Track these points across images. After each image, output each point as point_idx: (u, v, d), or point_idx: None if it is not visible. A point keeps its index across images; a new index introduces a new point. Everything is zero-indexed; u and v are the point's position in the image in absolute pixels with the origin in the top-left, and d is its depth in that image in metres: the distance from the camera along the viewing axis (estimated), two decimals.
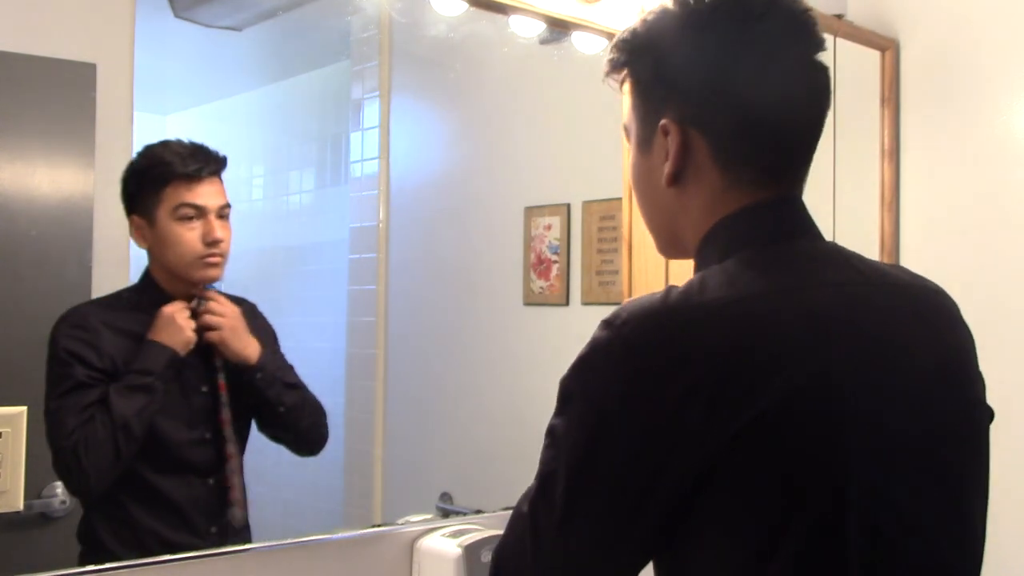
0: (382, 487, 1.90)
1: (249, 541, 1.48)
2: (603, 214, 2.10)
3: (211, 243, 1.44)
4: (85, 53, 1.32)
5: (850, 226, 2.30)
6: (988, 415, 0.95)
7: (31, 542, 1.33)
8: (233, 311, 1.49)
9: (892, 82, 2.38)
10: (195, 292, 1.47)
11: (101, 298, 1.38)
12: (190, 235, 1.44)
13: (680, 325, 0.78)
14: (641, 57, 0.91)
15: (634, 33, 0.92)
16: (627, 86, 0.95)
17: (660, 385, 0.76)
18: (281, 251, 1.82)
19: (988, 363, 2.38)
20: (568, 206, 2.11)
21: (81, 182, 1.34)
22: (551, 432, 0.83)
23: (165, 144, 1.44)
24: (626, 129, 0.96)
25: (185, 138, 1.47)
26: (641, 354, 0.78)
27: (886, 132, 2.38)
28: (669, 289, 0.82)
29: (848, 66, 2.29)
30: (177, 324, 1.42)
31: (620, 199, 2.02)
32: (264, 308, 1.59)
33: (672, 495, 0.77)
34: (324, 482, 1.67)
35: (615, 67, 0.95)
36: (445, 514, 1.73)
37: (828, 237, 0.90)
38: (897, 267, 0.95)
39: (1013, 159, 2.21)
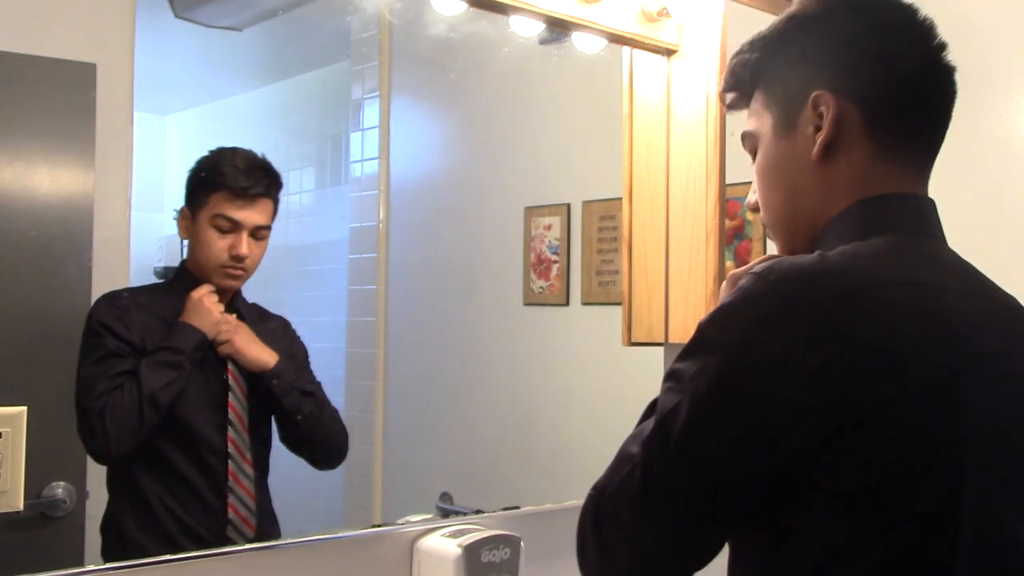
0: (382, 487, 1.90)
1: (275, 536, 1.53)
2: (603, 214, 2.10)
3: (235, 257, 1.51)
4: (85, 53, 1.32)
5: None
6: None
7: (31, 542, 1.33)
8: (245, 326, 1.53)
9: None
10: (226, 307, 1.52)
11: (140, 285, 1.48)
12: (219, 244, 1.50)
13: (835, 295, 0.79)
14: (779, 47, 0.96)
15: (760, 37, 0.99)
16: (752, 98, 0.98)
17: (802, 349, 0.77)
18: (281, 251, 1.82)
19: None
20: (568, 206, 2.12)
21: (81, 182, 1.34)
22: (676, 375, 0.83)
23: (233, 153, 1.55)
24: (748, 136, 0.98)
25: (256, 153, 1.56)
26: (792, 314, 0.78)
27: None
28: (821, 254, 0.83)
29: None
30: (205, 307, 1.48)
31: (620, 199, 2.02)
32: (264, 308, 1.59)
33: (786, 460, 0.77)
34: (324, 482, 1.67)
35: (750, 65, 0.98)
36: (445, 514, 1.73)
37: None
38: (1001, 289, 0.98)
39: (1013, 159, 2.22)
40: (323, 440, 1.62)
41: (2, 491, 1.21)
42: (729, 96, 1.02)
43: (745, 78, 0.99)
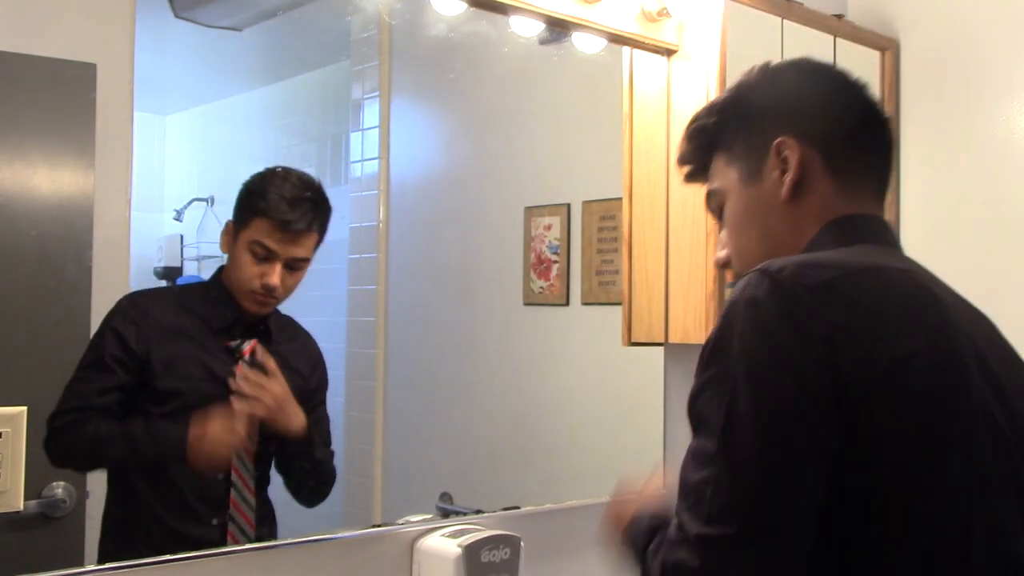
0: (382, 487, 1.90)
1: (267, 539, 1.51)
2: (603, 214, 2.10)
3: (265, 286, 1.50)
4: (85, 53, 1.32)
5: None
6: None
7: (31, 542, 1.33)
8: (277, 390, 1.50)
9: (892, 82, 2.38)
10: (257, 322, 1.52)
11: (172, 288, 1.53)
12: (252, 269, 1.49)
13: (827, 277, 0.86)
14: (735, 108, 1.05)
15: (713, 104, 1.07)
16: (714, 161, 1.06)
17: (808, 327, 0.83)
18: None
19: None
20: (568, 206, 2.11)
21: (81, 182, 1.34)
22: (702, 414, 0.87)
23: (283, 179, 1.54)
24: (713, 195, 1.07)
25: (311, 179, 1.56)
26: (790, 303, 0.85)
27: None
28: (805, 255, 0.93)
29: (848, 66, 2.28)
30: (216, 450, 1.44)
31: (620, 199, 2.02)
32: (298, 323, 1.60)
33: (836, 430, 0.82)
34: None
35: (709, 129, 1.06)
36: (445, 514, 1.73)
37: None
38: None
39: (1013, 158, 2.21)
40: (312, 488, 1.63)
41: (2, 491, 1.21)
42: (687, 168, 1.09)
43: (704, 143, 1.07)
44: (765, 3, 2.08)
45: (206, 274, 1.58)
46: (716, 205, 1.06)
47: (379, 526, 1.61)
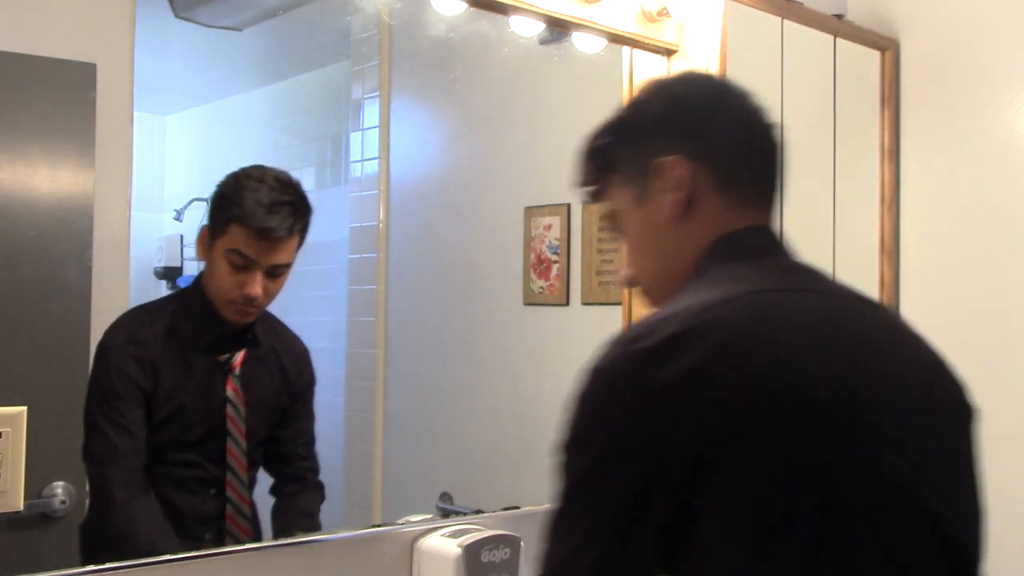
0: (382, 487, 1.90)
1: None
2: (603, 214, 2.10)
3: (245, 297, 1.44)
4: (85, 53, 1.32)
5: (850, 226, 2.30)
6: (974, 411, 0.99)
7: (31, 542, 1.33)
8: None
9: (892, 82, 2.38)
10: (243, 330, 1.49)
11: (153, 305, 1.45)
12: (231, 279, 1.43)
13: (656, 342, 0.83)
14: (626, 127, 1.04)
15: (606, 124, 1.05)
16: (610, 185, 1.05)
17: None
18: None
19: (988, 362, 2.39)
20: (568, 206, 2.11)
21: (81, 182, 1.34)
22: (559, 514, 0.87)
23: (259, 181, 1.45)
24: (608, 217, 1.06)
25: (287, 179, 1.48)
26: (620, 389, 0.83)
27: (886, 132, 2.38)
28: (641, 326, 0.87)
29: (848, 66, 2.29)
30: None
31: None
32: (286, 326, 1.60)
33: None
34: (324, 482, 1.67)
35: (601, 150, 1.05)
36: (445, 514, 1.73)
37: (828, 237, 0.93)
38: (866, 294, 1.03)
39: (1013, 158, 2.21)
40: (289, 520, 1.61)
41: (2, 491, 1.21)
42: (587, 190, 1.08)
43: (599, 164, 1.06)
44: (765, 3, 2.08)
45: None
46: (615, 225, 1.05)
47: (379, 526, 1.61)
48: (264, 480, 1.57)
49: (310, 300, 1.86)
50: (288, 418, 1.59)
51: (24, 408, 1.24)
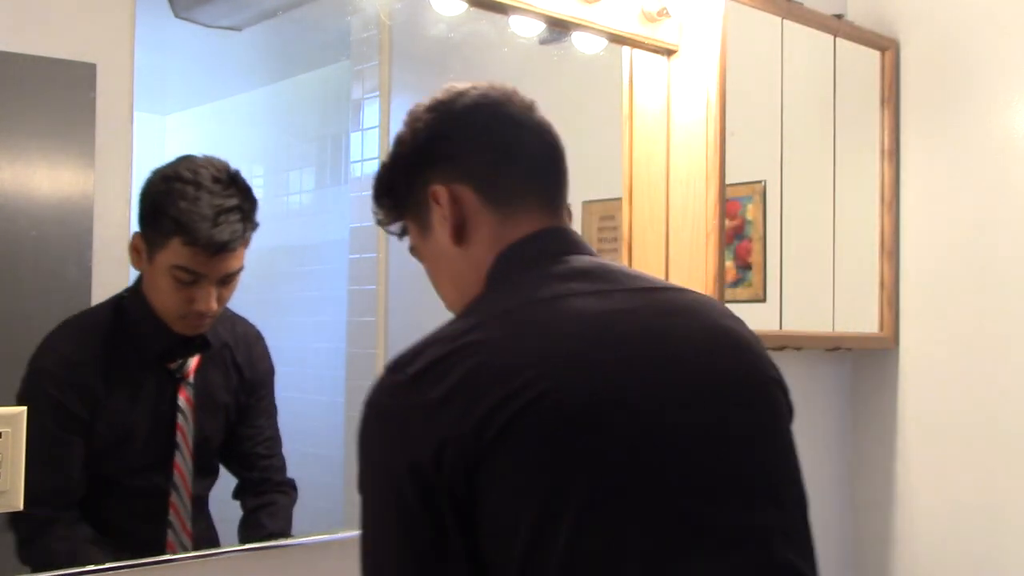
0: None
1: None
2: (603, 214, 2.10)
3: (198, 312, 1.33)
4: (85, 53, 1.32)
5: (850, 226, 2.30)
6: (787, 398, 1.00)
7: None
8: None
9: (892, 82, 2.38)
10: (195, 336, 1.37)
11: (87, 321, 1.29)
12: (179, 295, 1.31)
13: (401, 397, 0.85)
14: (395, 167, 1.04)
15: (383, 165, 1.07)
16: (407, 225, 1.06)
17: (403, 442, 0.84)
18: (281, 251, 1.82)
19: (987, 362, 2.39)
20: (568, 206, 2.11)
21: (81, 182, 1.34)
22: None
23: (195, 185, 1.29)
24: (413, 249, 1.07)
25: (221, 184, 1.32)
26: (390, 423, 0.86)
27: (886, 132, 2.38)
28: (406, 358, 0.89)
29: (848, 66, 2.29)
30: None
31: (620, 199, 2.02)
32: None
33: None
34: (324, 482, 1.66)
35: (385, 191, 1.07)
36: None
37: (828, 237, 0.90)
38: (657, 278, 1.03)
39: (1013, 159, 2.21)
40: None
41: (2, 491, 1.21)
42: (393, 228, 1.09)
43: (389, 204, 1.07)
44: (765, 3, 2.08)
45: None
46: (419, 259, 1.07)
47: None
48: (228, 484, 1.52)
49: (310, 300, 1.85)
50: (245, 415, 1.49)
51: (24, 408, 1.24)
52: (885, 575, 2.40)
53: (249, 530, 1.49)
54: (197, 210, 1.29)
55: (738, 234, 2.15)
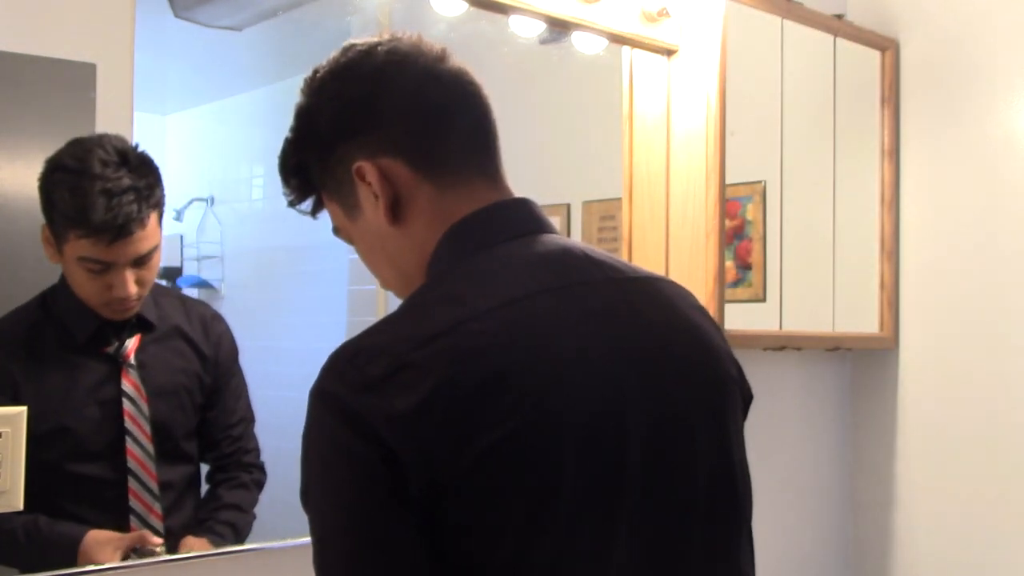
0: None
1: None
2: (603, 214, 2.10)
3: (118, 299, 1.28)
4: (85, 53, 1.32)
5: (850, 226, 2.30)
6: (744, 394, 0.94)
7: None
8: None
9: (892, 82, 2.38)
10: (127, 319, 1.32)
11: (13, 318, 1.26)
12: (95, 284, 1.27)
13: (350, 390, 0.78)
14: (304, 143, 0.93)
15: (287, 141, 0.95)
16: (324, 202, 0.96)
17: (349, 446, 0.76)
18: (281, 251, 1.82)
19: (987, 362, 2.38)
20: (568, 206, 2.11)
21: None
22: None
23: (80, 175, 1.23)
24: (337, 232, 0.97)
25: (111, 167, 1.24)
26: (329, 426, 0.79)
27: (886, 132, 2.38)
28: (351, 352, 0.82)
29: (848, 66, 2.29)
30: (101, 556, 1.27)
31: (620, 199, 2.02)
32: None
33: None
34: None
35: (294, 171, 0.95)
36: None
37: (828, 237, 0.86)
38: (627, 262, 0.95)
39: (1013, 159, 2.21)
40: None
41: (2, 491, 1.21)
42: (304, 206, 0.98)
43: (300, 185, 0.96)
44: (765, 3, 2.08)
45: (206, 274, 1.58)
46: (347, 239, 0.97)
47: None
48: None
49: (310, 300, 1.85)
50: (213, 398, 1.45)
51: (24, 408, 1.24)
52: (885, 575, 2.40)
53: (204, 504, 1.44)
54: (85, 199, 1.23)
55: (738, 234, 2.15)
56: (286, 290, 1.79)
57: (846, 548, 2.46)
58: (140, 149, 1.31)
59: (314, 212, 0.97)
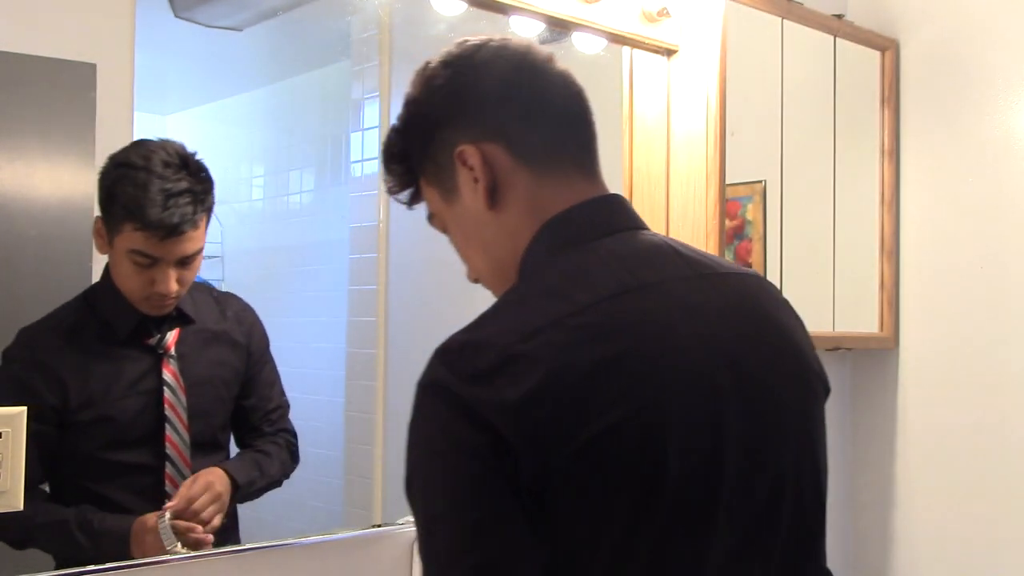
0: (382, 487, 1.90)
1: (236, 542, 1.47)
2: (427, 217, 2.10)
3: (159, 294, 1.34)
4: (85, 53, 1.32)
5: (850, 226, 2.30)
6: (824, 387, 0.96)
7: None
8: (204, 512, 1.35)
9: (892, 82, 2.38)
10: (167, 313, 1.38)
11: (58, 311, 1.31)
12: (139, 279, 1.33)
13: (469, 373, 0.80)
14: (410, 129, 0.97)
15: (393, 128, 0.99)
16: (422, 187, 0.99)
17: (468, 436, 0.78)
18: (281, 251, 1.82)
19: (987, 361, 2.38)
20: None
21: (81, 182, 1.34)
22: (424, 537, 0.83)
23: (147, 171, 1.31)
24: (432, 218, 1.01)
25: (172, 168, 1.32)
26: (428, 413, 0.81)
27: (886, 132, 2.38)
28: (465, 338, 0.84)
29: (848, 66, 2.29)
30: (148, 542, 1.31)
31: None
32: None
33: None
34: (324, 482, 1.67)
35: (398, 157, 0.99)
36: None
37: (828, 237, 0.87)
38: (716, 257, 0.97)
39: (1013, 159, 2.21)
40: (272, 483, 1.55)
41: (2, 491, 1.21)
42: (403, 196, 1.02)
43: (402, 171, 1.00)
44: (765, 3, 2.08)
45: (206, 274, 1.58)
46: (440, 227, 1.01)
47: (379, 526, 1.61)
48: None
49: (310, 300, 1.86)
50: (248, 385, 1.51)
51: (24, 408, 1.24)
52: (885, 575, 2.40)
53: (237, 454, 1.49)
54: (146, 195, 1.30)
55: (738, 234, 2.15)
56: (286, 290, 1.80)
57: (846, 548, 2.47)
58: (197, 156, 1.37)
59: (411, 203, 1.01)
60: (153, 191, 1.31)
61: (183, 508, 1.34)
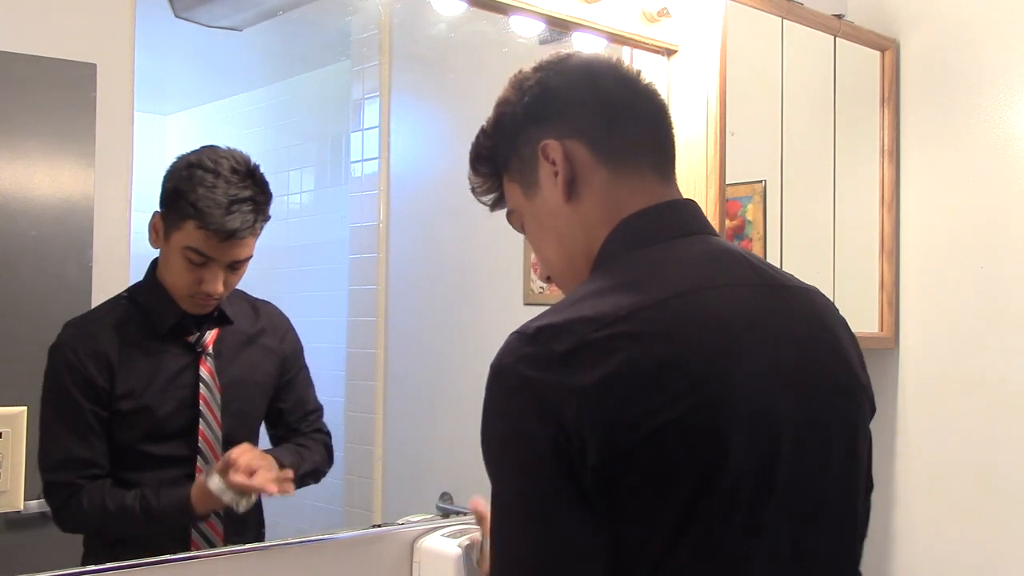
0: (382, 487, 1.90)
1: (259, 537, 1.50)
2: (507, 216, 2.10)
3: (206, 293, 1.39)
4: (85, 53, 1.32)
5: (850, 226, 2.30)
6: (871, 405, 1.00)
7: (31, 542, 1.33)
8: (260, 474, 1.38)
9: (892, 82, 2.38)
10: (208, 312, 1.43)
11: (105, 305, 1.36)
12: (189, 276, 1.38)
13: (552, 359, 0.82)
14: (500, 128, 1.03)
15: (483, 130, 1.06)
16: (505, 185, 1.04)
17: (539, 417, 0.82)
18: (281, 251, 1.82)
19: (987, 361, 2.38)
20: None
21: (81, 182, 1.34)
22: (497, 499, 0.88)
23: (214, 174, 1.37)
24: (511, 215, 1.05)
25: (239, 175, 1.38)
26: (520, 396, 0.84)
27: (886, 132, 2.38)
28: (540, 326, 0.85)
29: (848, 66, 2.29)
30: (215, 500, 1.36)
31: None
32: (254, 298, 1.58)
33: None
34: (324, 482, 1.67)
35: (486, 156, 1.05)
36: (445, 514, 1.73)
37: (828, 237, 0.89)
38: (780, 270, 1.02)
39: (1013, 158, 2.21)
40: (312, 471, 1.60)
41: (2, 491, 1.22)
42: (487, 198, 1.07)
43: (489, 170, 1.05)
44: (765, 3, 2.08)
45: None
46: (518, 224, 1.05)
47: (379, 526, 1.61)
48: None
49: (310, 300, 1.86)
50: (284, 389, 1.56)
51: (24, 408, 1.24)
52: (885, 575, 2.40)
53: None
54: (213, 197, 1.36)
55: (738, 234, 2.15)
56: (286, 290, 1.80)
57: None
58: (260, 170, 1.44)
59: (494, 206, 1.07)
60: (219, 194, 1.36)
61: (221, 467, 1.37)
